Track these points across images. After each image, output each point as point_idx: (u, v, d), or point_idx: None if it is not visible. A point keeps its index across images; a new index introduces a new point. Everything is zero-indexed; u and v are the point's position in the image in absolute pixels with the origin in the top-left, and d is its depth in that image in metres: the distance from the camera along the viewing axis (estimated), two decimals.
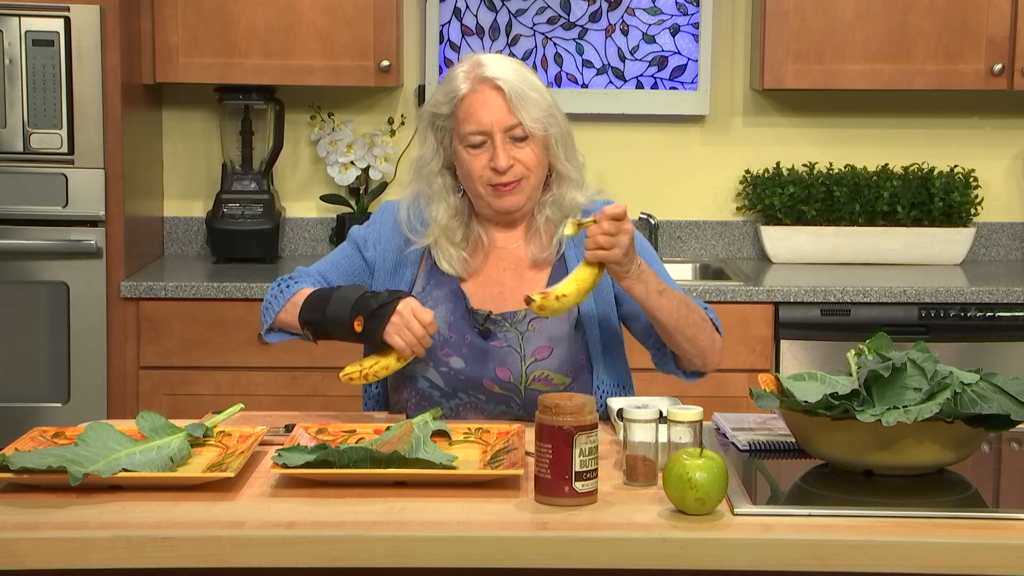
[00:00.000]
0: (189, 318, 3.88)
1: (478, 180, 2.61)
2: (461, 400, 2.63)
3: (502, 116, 2.58)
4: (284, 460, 2.14)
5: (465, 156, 2.62)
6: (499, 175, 2.59)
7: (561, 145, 2.65)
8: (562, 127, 2.65)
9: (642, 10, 4.44)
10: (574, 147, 2.69)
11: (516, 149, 2.60)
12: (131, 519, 1.98)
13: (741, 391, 3.77)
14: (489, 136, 2.59)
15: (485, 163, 2.60)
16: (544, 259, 2.69)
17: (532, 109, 2.59)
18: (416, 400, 2.65)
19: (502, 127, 2.58)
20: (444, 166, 2.68)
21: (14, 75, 3.79)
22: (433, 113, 2.66)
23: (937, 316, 3.93)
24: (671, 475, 2.00)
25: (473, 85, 2.61)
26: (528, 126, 2.58)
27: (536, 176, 2.63)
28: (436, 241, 2.67)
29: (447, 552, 1.93)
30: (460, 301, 2.65)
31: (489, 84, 2.60)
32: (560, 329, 2.63)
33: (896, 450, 2.14)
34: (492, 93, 2.59)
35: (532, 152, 2.61)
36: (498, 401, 2.62)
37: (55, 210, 3.83)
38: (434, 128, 2.67)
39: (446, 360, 2.63)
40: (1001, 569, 1.92)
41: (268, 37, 4.10)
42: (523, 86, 2.60)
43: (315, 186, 4.48)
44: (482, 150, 2.60)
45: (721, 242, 4.52)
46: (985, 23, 4.13)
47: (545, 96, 2.63)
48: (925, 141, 4.49)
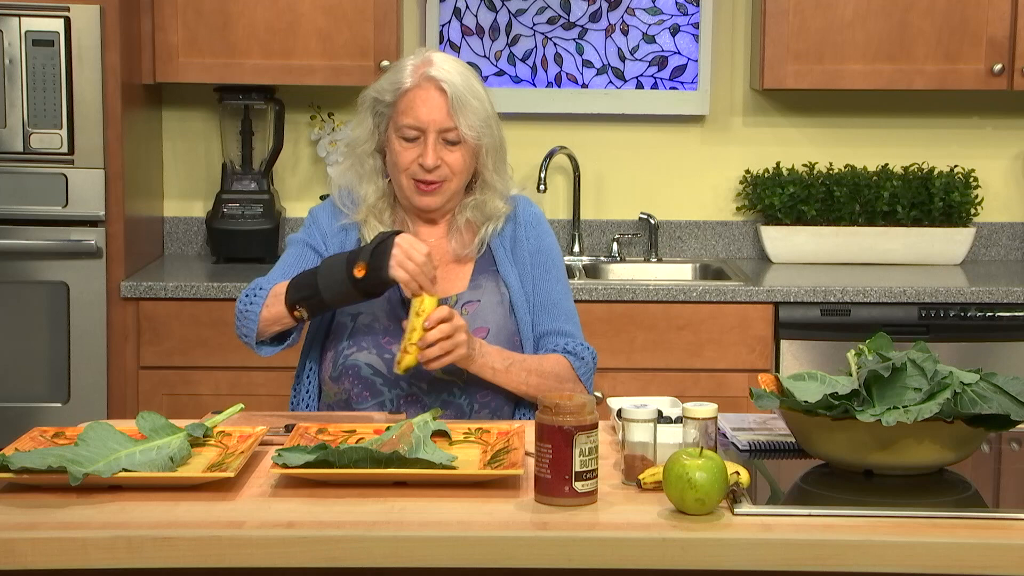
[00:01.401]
0: (189, 318, 3.88)
1: (404, 172, 2.69)
2: (402, 391, 2.65)
3: (440, 117, 2.66)
4: (284, 460, 2.14)
5: (396, 146, 2.69)
6: (424, 172, 2.67)
7: (491, 156, 2.74)
8: (496, 138, 2.73)
9: (642, 10, 4.44)
10: (504, 159, 2.78)
11: (446, 151, 2.68)
12: (131, 519, 1.98)
13: (741, 391, 3.77)
14: (423, 133, 2.67)
15: (413, 157, 2.67)
16: (466, 255, 2.76)
17: (471, 116, 2.66)
18: (359, 390, 2.66)
19: (437, 127, 2.66)
20: (376, 149, 2.76)
21: (14, 75, 3.79)
22: (375, 98, 2.74)
23: (937, 316, 3.93)
24: (671, 475, 1.99)
25: (419, 81, 2.67)
26: (463, 132, 2.66)
27: (459, 181, 2.72)
28: (365, 219, 2.75)
29: (447, 552, 1.93)
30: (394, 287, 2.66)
31: (434, 84, 2.66)
32: (494, 312, 2.70)
33: (896, 450, 2.14)
34: (435, 93, 2.66)
35: (460, 157, 2.69)
36: (439, 390, 2.65)
37: (55, 210, 3.83)
38: (373, 112, 2.74)
39: (388, 347, 2.66)
40: (1001, 569, 1.92)
41: (268, 37, 4.10)
42: (466, 92, 2.67)
43: (315, 186, 4.48)
44: (413, 144, 2.68)
45: (721, 242, 4.52)
46: (985, 23, 4.13)
47: (485, 106, 2.70)
48: (925, 141, 4.49)
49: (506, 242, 2.78)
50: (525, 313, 2.73)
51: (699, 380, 3.90)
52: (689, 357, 3.90)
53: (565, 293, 2.78)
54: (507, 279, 2.74)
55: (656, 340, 3.89)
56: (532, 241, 2.79)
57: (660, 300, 3.92)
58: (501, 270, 2.75)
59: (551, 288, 2.77)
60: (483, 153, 2.71)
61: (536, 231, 2.80)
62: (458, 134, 2.66)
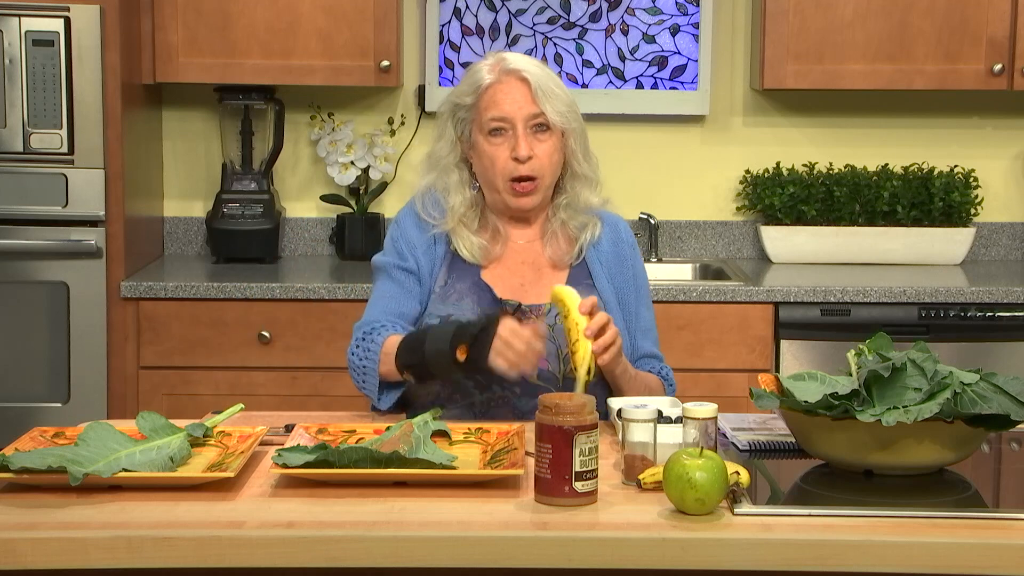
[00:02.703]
0: (189, 318, 3.87)
1: (499, 174, 2.66)
2: (494, 393, 2.63)
3: (526, 105, 2.65)
4: (284, 460, 2.14)
5: (486, 147, 2.66)
6: (519, 166, 2.64)
7: (579, 143, 2.73)
8: (581, 126, 2.73)
9: (642, 10, 4.44)
10: (589, 148, 2.77)
11: (536, 141, 2.66)
12: (131, 519, 1.98)
13: (741, 391, 3.75)
14: (512, 125, 2.65)
15: (507, 155, 2.65)
16: (563, 262, 2.74)
17: (555, 102, 2.66)
18: (448, 392, 2.64)
19: (525, 116, 2.64)
20: (461, 159, 2.73)
21: (14, 75, 3.79)
22: (455, 104, 2.72)
23: (937, 316, 3.93)
24: (671, 475, 1.99)
25: (498, 76, 2.68)
26: (551, 117, 2.65)
27: (550, 176, 2.70)
28: (454, 228, 2.71)
29: (447, 552, 1.93)
30: (484, 292, 2.67)
31: (515, 75, 2.67)
32: None
33: (896, 450, 2.14)
34: (517, 84, 2.66)
35: (550, 147, 2.67)
36: (532, 395, 2.61)
37: (55, 210, 3.83)
38: (454, 120, 2.72)
39: None
40: (1001, 569, 1.92)
41: (268, 37, 4.10)
42: (547, 80, 2.68)
43: (315, 186, 4.48)
44: (503, 139, 2.66)
45: (721, 242, 4.52)
46: (985, 23, 4.13)
47: (567, 93, 2.70)
48: (925, 141, 4.49)
49: (604, 257, 2.76)
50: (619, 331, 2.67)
51: (699, 380, 3.90)
52: (689, 357, 3.90)
53: (654, 318, 2.83)
54: (603, 294, 2.72)
55: None
56: (634, 264, 2.80)
57: (660, 300, 3.91)
58: (598, 284, 2.73)
59: (646, 313, 2.80)
60: (572, 140, 2.70)
61: (636, 253, 2.82)
62: (546, 119, 2.64)
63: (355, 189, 4.40)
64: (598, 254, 2.76)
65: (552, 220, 2.74)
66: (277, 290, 3.86)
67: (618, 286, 2.75)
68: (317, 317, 3.86)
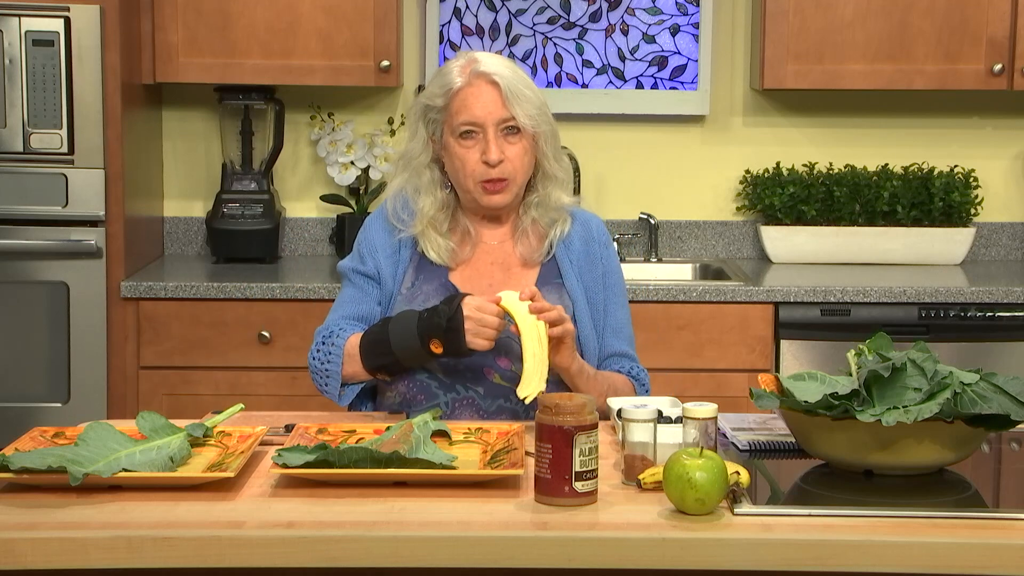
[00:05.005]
0: (189, 318, 3.87)
1: (470, 176, 2.67)
2: (458, 395, 2.64)
3: (496, 109, 2.64)
4: (284, 460, 2.14)
5: (457, 149, 2.66)
6: (490, 170, 2.64)
7: (550, 145, 2.73)
8: (552, 127, 2.72)
9: (642, 10, 4.44)
10: (560, 149, 2.77)
11: (507, 144, 2.66)
12: (131, 519, 1.98)
13: (741, 391, 3.76)
14: (482, 128, 2.65)
15: (477, 157, 2.65)
16: (533, 259, 2.74)
17: (526, 105, 2.65)
18: (413, 392, 2.66)
19: (495, 120, 2.64)
20: (432, 160, 2.73)
21: (14, 75, 3.79)
22: (426, 105, 2.71)
23: (937, 316, 3.93)
24: (671, 475, 1.99)
25: (469, 79, 2.67)
26: (521, 120, 2.65)
27: (522, 176, 2.70)
28: (423, 231, 2.71)
29: (447, 552, 1.93)
30: (451, 292, 2.66)
31: (485, 79, 2.66)
32: None
33: (896, 450, 2.14)
34: (487, 87, 2.65)
35: (521, 149, 2.67)
36: (496, 395, 2.63)
37: (55, 210, 3.83)
38: (425, 121, 2.72)
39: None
40: (1001, 569, 1.92)
41: (268, 37, 4.10)
42: (518, 83, 2.67)
43: (315, 186, 4.48)
44: (474, 142, 2.66)
45: (721, 242, 4.52)
46: (985, 23, 4.13)
47: (538, 95, 2.70)
48: (925, 141, 4.49)
49: (575, 255, 2.76)
50: (588, 329, 2.70)
51: (699, 380, 3.90)
52: (689, 357, 3.91)
53: (628, 317, 2.80)
54: (572, 292, 2.72)
55: (656, 340, 3.89)
56: (606, 262, 2.78)
57: (660, 300, 3.92)
58: (567, 283, 2.73)
59: (618, 312, 2.77)
60: (542, 141, 2.70)
61: (608, 251, 2.80)
62: (516, 123, 2.64)
63: (355, 189, 4.40)
64: (568, 252, 2.76)
65: (523, 218, 2.75)
66: (277, 290, 3.86)
67: (587, 284, 2.75)
68: (317, 317, 3.84)
